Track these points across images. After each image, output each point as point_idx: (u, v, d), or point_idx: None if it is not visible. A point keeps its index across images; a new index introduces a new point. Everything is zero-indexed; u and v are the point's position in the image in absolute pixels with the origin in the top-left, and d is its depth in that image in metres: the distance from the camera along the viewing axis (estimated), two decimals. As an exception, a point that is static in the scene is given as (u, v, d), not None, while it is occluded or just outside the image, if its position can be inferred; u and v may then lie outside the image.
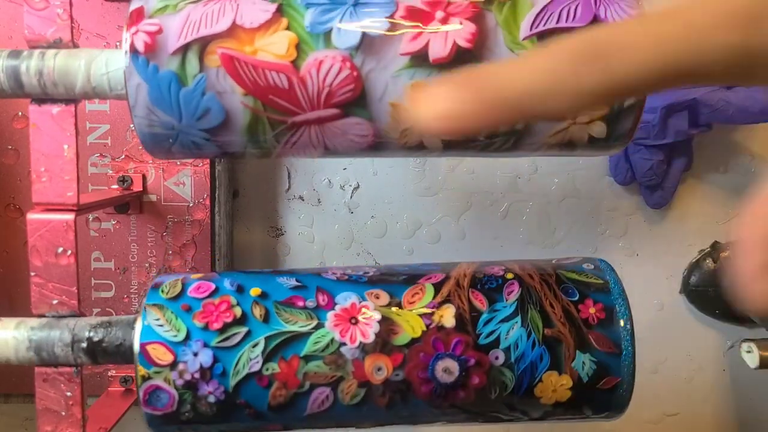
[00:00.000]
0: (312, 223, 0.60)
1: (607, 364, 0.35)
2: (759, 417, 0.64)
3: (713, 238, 0.61)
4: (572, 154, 0.37)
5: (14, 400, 0.56)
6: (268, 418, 0.35)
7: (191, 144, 0.34)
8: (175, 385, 0.34)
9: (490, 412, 0.35)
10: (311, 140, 0.34)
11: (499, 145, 0.35)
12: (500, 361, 0.34)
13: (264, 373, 0.34)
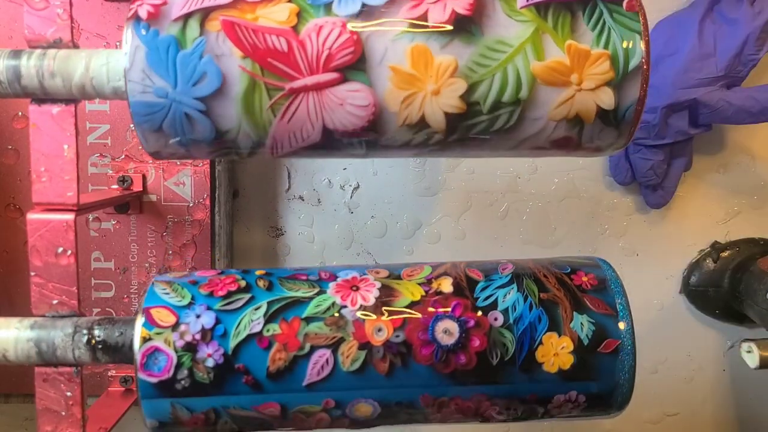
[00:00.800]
0: (312, 223, 0.60)
1: (604, 325, 0.35)
2: (759, 417, 0.64)
3: (713, 238, 0.61)
4: (576, 153, 0.36)
5: (14, 400, 0.56)
6: (266, 389, 0.34)
7: (183, 119, 0.33)
8: (174, 346, 0.34)
9: (493, 383, 0.35)
10: (309, 113, 0.33)
11: (503, 122, 0.33)
12: (499, 323, 0.35)
13: (264, 334, 0.34)
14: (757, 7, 0.51)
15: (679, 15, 0.55)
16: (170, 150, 0.35)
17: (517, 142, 0.35)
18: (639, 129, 0.35)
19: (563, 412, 0.36)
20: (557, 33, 0.33)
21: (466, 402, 0.35)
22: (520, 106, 0.33)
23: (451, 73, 0.33)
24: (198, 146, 0.35)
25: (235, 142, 0.34)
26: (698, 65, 0.52)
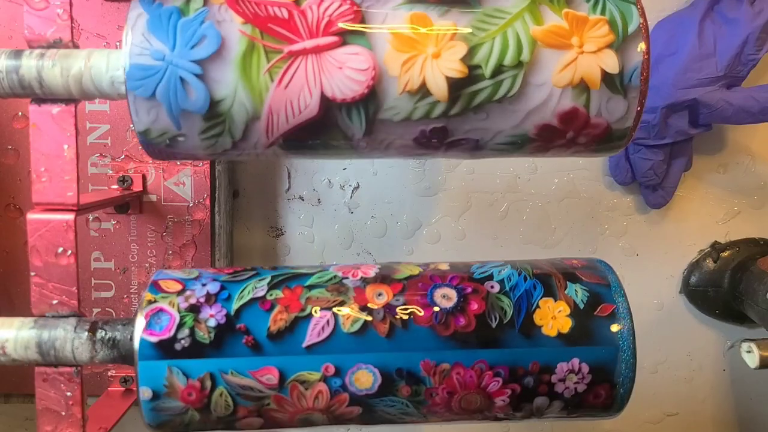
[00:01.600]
0: (312, 223, 0.60)
1: (598, 292, 0.36)
2: (759, 417, 0.64)
3: (713, 238, 0.61)
4: (581, 154, 0.36)
5: (14, 400, 0.56)
6: (265, 350, 0.34)
7: (177, 84, 0.33)
8: (178, 307, 0.34)
9: (493, 347, 0.35)
10: (307, 78, 0.33)
11: (507, 89, 0.33)
12: (496, 290, 0.36)
13: (268, 298, 0.35)
14: (757, 7, 0.51)
15: (679, 15, 0.55)
16: (160, 126, 0.34)
17: (522, 116, 0.34)
18: (639, 129, 0.35)
19: (568, 391, 0.35)
20: (553, 3, 0.33)
21: (468, 372, 0.35)
22: (522, 69, 0.33)
23: (450, 36, 0.33)
24: (190, 122, 0.34)
25: (230, 115, 0.33)
26: (698, 65, 0.52)
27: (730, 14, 0.51)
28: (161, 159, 0.37)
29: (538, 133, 0.34)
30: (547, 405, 0.35)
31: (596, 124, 0.34)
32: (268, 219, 0.60)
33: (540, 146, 0.35)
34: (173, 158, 0.37)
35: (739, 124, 0.55)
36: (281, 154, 0.36)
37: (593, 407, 0.36)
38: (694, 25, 0.52)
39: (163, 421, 0.35)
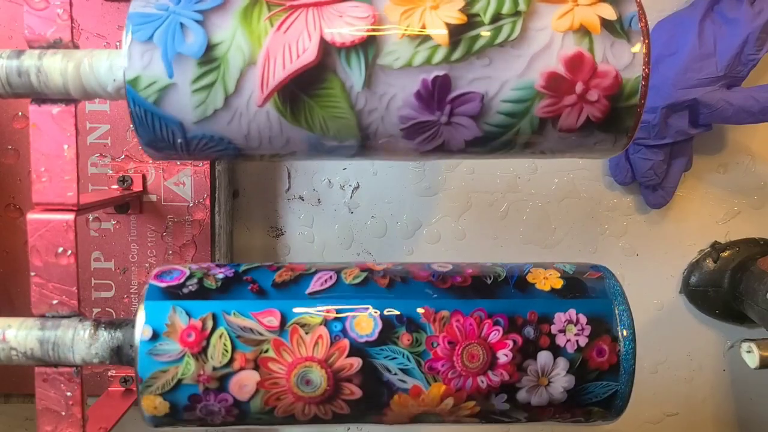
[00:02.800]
0: (312, 223, 0.60)
1: (585, 267, 0.38)
2: (759, 417, 0.64)
3: (713, 238, 0.61)
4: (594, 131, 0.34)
5: (14, 400, 0.56)
6: (269, 295, 0.35)
7: (177, 28, 0.32)
8: (190, 268, 0.37)
9: (490, 298, 0.35)
10: (307, 23, 0.33)
11: (507, 33, 0.33)
12: (488, 263, 0.38)
13: (275, 264, 0.37)
14: (757, 7, 0.51)
15: (679, 15, 0.55)
16: (151, 73, 0.33)
17: (526, 62, 0.33)
18: (639, 129, 0.35)
19: (570, 344, 0.35)
20: None
21: (468, 319, 0.35)
22: (520, 17, 0.33)
23: None
24: (183, 68, 0.33)
25: (225, 59, 0.33)
26: (698, 65, 0.52)
27: (730, 14, 0.51)
28: (147, 137, 0.35)
29: (546, 84, 0.33)
30: (552, 363, 0.35)
31: (605, 72, 0.33)
32: (268, 219, 0.60)
33: (550, 107, 0.34)
34: (158, 139, 0.35)
35: (739, 124, 0.55)
36: (275, 122, 0.34)
37: (599, 372, 0.35)
38: (694, 25, 0.52)
39: (155, 372, 0.34)
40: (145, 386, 0.34)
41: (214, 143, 0.35)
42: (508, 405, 0.35)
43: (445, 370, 0.35)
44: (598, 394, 0.35)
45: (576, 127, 0.34)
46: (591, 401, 0.35)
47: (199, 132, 0.34)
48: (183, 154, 0.36)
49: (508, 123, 0.34)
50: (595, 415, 0.36)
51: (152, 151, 0.36)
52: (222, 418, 0.35)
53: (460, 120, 0.34)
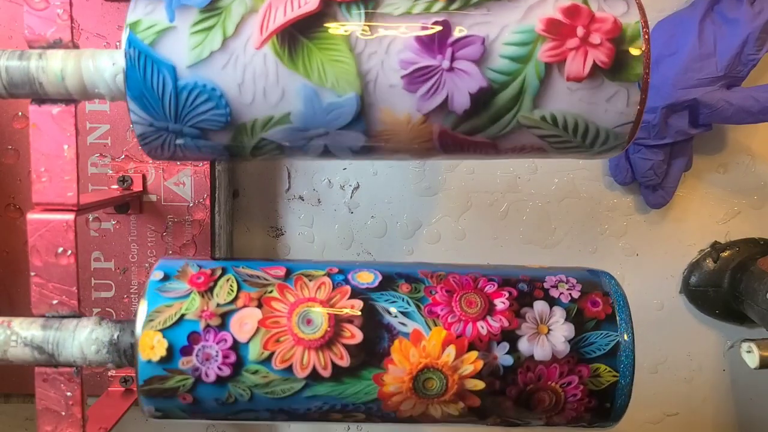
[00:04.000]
0: (312, 223, 0.60)
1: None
2: (759, 417, 0.64)
3: (713, 238, 0.61)
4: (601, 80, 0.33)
5: (14, 400, 0.56)
6: (277, 262, 0.38)
7: None
8: None
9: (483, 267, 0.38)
10: None
11: None
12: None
13: None
14: (757, 7, 0.51)
15: (679, 15, 0.55)
16: (152, 18, 0.33)
17: (524, 11, 0.33)
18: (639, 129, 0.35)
19: (564, 296, 0.36)
20: None
21: (464, 277, 0.37)
22: None
23: None
24: (185, 14, 0.33)
25: (228, 9, 0.33)
26: (698, 65, 0.52)
27: (730, 14, 0.51)
28: (136, 87, 0.34)
29: (546, 28, 0.33)
30: (548, 312, 0.35)
31: (603, 18, 0.33)
32: (268, 219, 0.60)
33: (554, 50, 0.33)
34: (147, 90, 0.34)
35: (739, 124, 0.55)
36: (271, 67, 0.33)
37: (597, 320, 0.35)
38: (694, 25, 0.52)
39: (160, 306, 0.34)
40: (148, 320, 0.34)
41: (205, 96, 0.33)
42: (511, 358, 0.35)
43: (444, 314, 0.35)
44: (601, 345, 0.35)
45: (584, 75, 0.33)
46: (595, 354, 0.35)
47: (191, 80, 0.33)
48: (169, 116, 0.34)
49: (513, 69, 0.33)
50: (602, 376, 0.35)
51: (138, 110, 0.34)
52: (216, 372, 0.34)
53: (463, 65, 0.33)
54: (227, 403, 0.35)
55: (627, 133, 0.35)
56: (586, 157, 0.37)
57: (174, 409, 0.35)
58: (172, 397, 0.34)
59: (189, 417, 0.36)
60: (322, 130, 0.34)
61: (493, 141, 0.35)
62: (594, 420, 0.36)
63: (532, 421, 0.36)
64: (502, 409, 0.35)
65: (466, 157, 0.37)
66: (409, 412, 0.35)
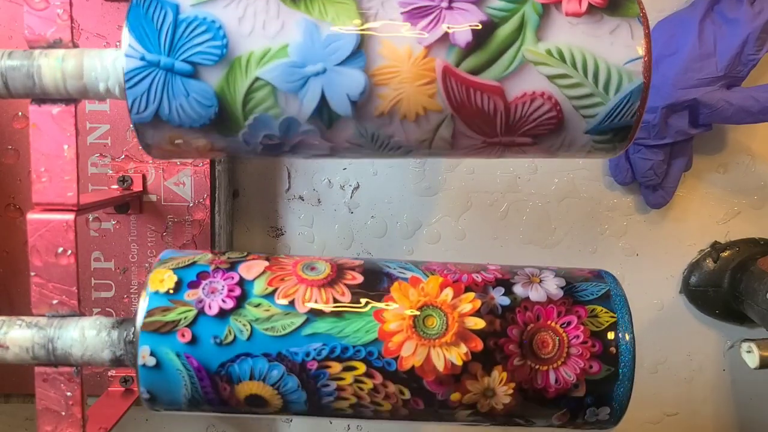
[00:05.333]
0: (312, 223, 0.60)
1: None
2: (759, 417, 0.64)
3: (713, 238, 0.61)
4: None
5: (14, 400, 0.56)
6: None
7: None
8: None
9: None
10: None
11: None
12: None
13: None
14: (757, 7, 0.51)
15: (679, 15, 0.55)
16: None
17: None
18: (639, 129, 0.35)
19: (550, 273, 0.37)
20: None
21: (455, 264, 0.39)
22: None
23: None
24: None
25: None
26: (698, 65, 0.52)
27: (730, 14, 0.51)
28: (137, 21, 0.33)
29: None
30: (538, 271, 0.38)
31: None
32: (268, 219, 0.60)
33: None
34: (147, 24, 0.33)
35: (739, 124, 0.55)
36: (272, 4, 0.33)
37: (584, 277, 0.37)
38: (694, 25, 0.52)
39: (174, 257, 0.37)
40: (161, 263, 0.36)
41: (203, 28, 0.33)
42: (508, 299, 0.35)
43: (440, 269, 0.37)
44: (593, 291, 0.36)
45: (582, 11, 0.33)
46: (589, 298, 0.36)
47: (192, 14, 0.33)
48: (164, 48, 0.33)
49: (510, 7, 0.33)
50: (600, 317, 0.35)
51: (133, 40, 0.33)
52: (220, 305, 0.34)
53: (461, 5, 0.34)
54: (225, 343, 0.34)
55: (639, 71, 0.33)
56: (602, 114, 0.34)
57: (169, 354, 0.34)
58: (170, 333, 0.34)
59: (184, 370, 0.34)
60: (320, 66, 0.33)
61: (500, 84, 0.33)
62: (603, 375, 0.35)
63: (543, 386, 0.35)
64: (507, 354, 0.34)
65: (473, 117, 0.34)
66: (411, 361, 0.34)
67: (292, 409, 0.35)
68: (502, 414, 0.35)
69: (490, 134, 0.35)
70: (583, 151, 0.36)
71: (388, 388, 0.34)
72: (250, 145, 0.35)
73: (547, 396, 0.34)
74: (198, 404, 0.35)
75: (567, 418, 0.35)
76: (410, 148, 0.36)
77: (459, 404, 0.35)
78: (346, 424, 0.64)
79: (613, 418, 0.35)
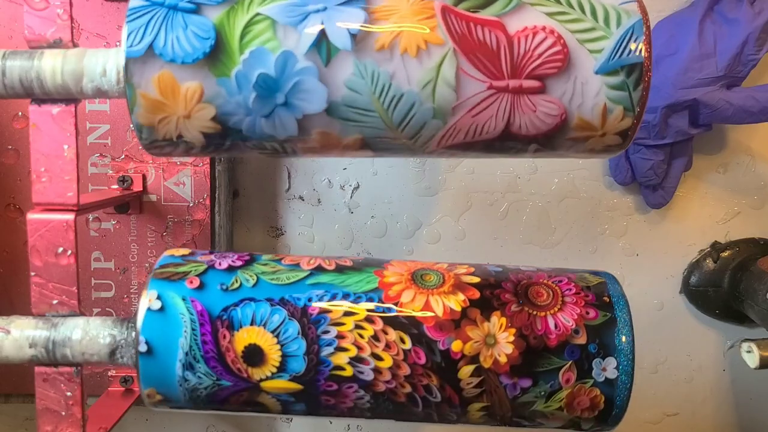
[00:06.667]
0: (312, 223, 0.60)
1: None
2: (759, 417, 0.64)
3: (713, 238, 0.61)
4: None
5: (14, 400, 0.56)
6: None
7: None
8: None
9: None
10: None
11: None
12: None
13: None
14: (757, 7, 0.51)
15: (679, 15, 0.55)
16: None
17: None
18: (639, 129, 0.35)
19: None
20: None
21: None
22: None
23: None
24: None
25: None
26: (698, 65, 0.52)
27: (730, 14, 0.51)
28: None
29: None
30: None
31: None
32: (268, 219, 0.60)
33: None
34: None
35: (739, 123, 0.55)
36: None
37: None
38: (694, 25, 0.52)
39: None
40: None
41: None
42: (500, 268, 0.37)
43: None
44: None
45: None
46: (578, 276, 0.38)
47: None
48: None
49: None
50: (588, 278, 0.37)
51: None
52: (230, 263, 0.36)
53: None
54: (230, 289, 0.35)
55: (636, 10, 0.33)
56: (608, 49, 0.33)
57: (175, 298, 0.34)
58: (180, 281, 0.35)
59: (186, 314, 0.34)
60: (321, 5, 0.33)
61: (499, 19, 0.33)
62: (601, 320, 0.35)
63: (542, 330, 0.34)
64: (504, 301, 0.35)
65: (475, 51, 0.33)
66: (410, 306, 0.35)
67: (289, 366, 0.34)
68: (506, 373, 0.34)
69: (495, 75, 0.33)
70: (598, 100, 0.34)
71: (389, 335, 0.34)
72: (242, 92, 0.33)
73: (549, 343, 0.34)
74: (193, 363, 0.34)
75: (575, 375, 0.34)
76: (412, 98, 0.34)
77: (461, 356, 0.34)
78: (346, 424, 0.64)
79: (621, 376, 0.34)
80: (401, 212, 0.60)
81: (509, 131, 0.34)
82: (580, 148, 0.35)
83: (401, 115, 0.34)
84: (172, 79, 0.33)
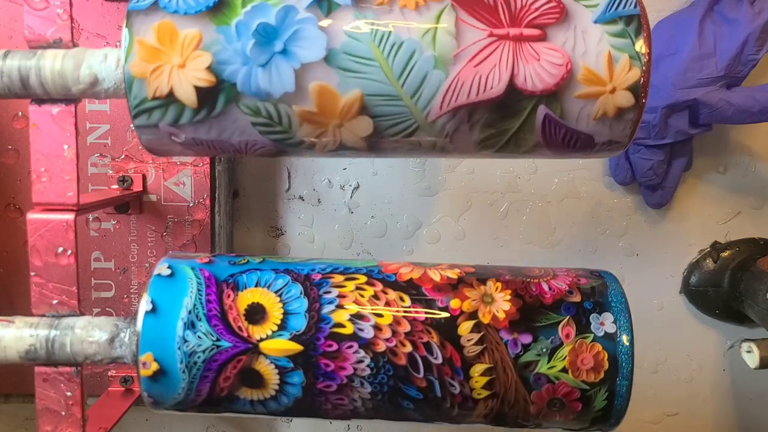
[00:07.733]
0: (312, 223, 0.60)
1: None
2: (759, 417, 0.64)
3: (713, 238, 0.61)
4: None
5: (14, 400, 0.56)
6: None
7: None
8: None
9: None
10: None
11: None
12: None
13: None
14: (757, 7, 0.51)
15: (679, 15, 0.55)
16: None
17: None
18: (639, 129, 0.35)
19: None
20: None
21: None
22: None
23: None
24: None
25: None
26: (698, 65, 0.52)
27: (730, 14, 0.51)
28: None
29: None
30: None
31: None
32: (268, 219, 0.60)
33: None
34: None
35: (739, 124, 0.55)
36: None
37: None
38: (694, 25, 0.52)
39: None
40: None
41: None
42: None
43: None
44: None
45: None
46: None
47: None
48: None
49: None
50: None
51: None
52: None
53: None
54: (238, 264, 0.37)
55: None
56: (603, 3, 0.34)
57: (185, 268, 0.37)
58: (191, 259, 0.38)
59: (194, 278, 0.36)
60: None
61: None
62: (591, 284, 0.36)
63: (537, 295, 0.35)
64: (498, 272, 0.37)
65: (473, 2, 0.34)
66: (409, 275, 0.36)
67: (290, 324, 0.34)
68: (505, 328, 0.34)
69: (495, 24, 0.33)
70: (601, 47, 0.33)
71: (388, 295, 0.35)
72: (241, 39, 0.33)
73: (544, 301, 0.35)
74: (195, 322, 0.34)
75: (574, 329, 0.34)
76: (412, 45, 0.33)
77: (460, 312, 0.35)
78: (346, 424, 0.64)
79: (619, 330, 0.34)
80: (401, 212, 0.60)
81: (514, 85, 0.33)
82: (591, 111, 0.34)
83: (402, 63, 0.33)
84: (172, 27, 0.33)
